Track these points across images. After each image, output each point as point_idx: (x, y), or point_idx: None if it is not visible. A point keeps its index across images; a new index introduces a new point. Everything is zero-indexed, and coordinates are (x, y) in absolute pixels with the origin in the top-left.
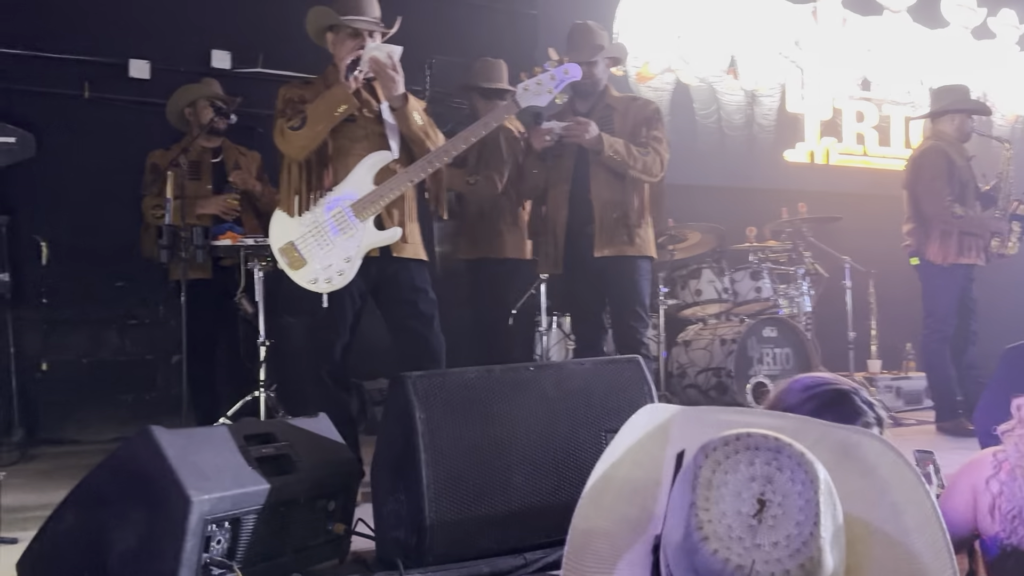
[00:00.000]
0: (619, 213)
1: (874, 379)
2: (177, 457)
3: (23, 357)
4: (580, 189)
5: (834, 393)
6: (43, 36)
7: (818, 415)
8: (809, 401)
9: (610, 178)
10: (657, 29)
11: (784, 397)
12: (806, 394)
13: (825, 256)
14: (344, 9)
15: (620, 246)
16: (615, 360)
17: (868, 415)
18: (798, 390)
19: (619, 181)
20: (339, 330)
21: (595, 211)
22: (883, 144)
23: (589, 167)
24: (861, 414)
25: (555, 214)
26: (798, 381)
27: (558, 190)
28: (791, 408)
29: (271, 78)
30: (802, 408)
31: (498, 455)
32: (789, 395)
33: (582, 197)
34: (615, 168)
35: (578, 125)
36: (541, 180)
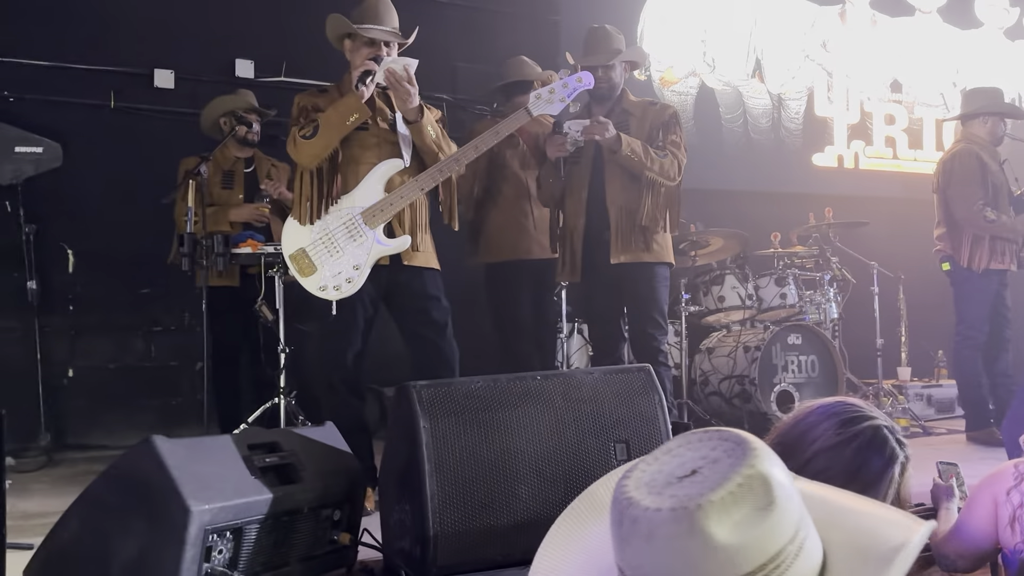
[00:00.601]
0: (635, 219)
1: (904, 387)
2: (178, 467)
3: (50, 363)
4: (597, 196)
5: (873, 431)
6: (69, 47)
7: (860, 457)
8: (850, 442)
9: (626, 183)
10: (681, 33)
11: (810, 431)
12: (844, 432)
13: (852, 261)
14: (361, 17)
15: (637, 252)
16: (625, 369)
17: (903, 452)
18: (832, 427)
19: (635, 186)
20: (350, 337)
21: (611, 217)
22: (914, 147)
23: (605, 173)
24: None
25: (573, 222)
26: (823, 410)
27: (575, 198)
28: (823, 447)
29: (294, 86)
30: (842, 451)
31: (504, 466)
32: (816, 429)
33: (599, 204)
34: (631, 168)
35: (597, 124)
36: (557, 189)
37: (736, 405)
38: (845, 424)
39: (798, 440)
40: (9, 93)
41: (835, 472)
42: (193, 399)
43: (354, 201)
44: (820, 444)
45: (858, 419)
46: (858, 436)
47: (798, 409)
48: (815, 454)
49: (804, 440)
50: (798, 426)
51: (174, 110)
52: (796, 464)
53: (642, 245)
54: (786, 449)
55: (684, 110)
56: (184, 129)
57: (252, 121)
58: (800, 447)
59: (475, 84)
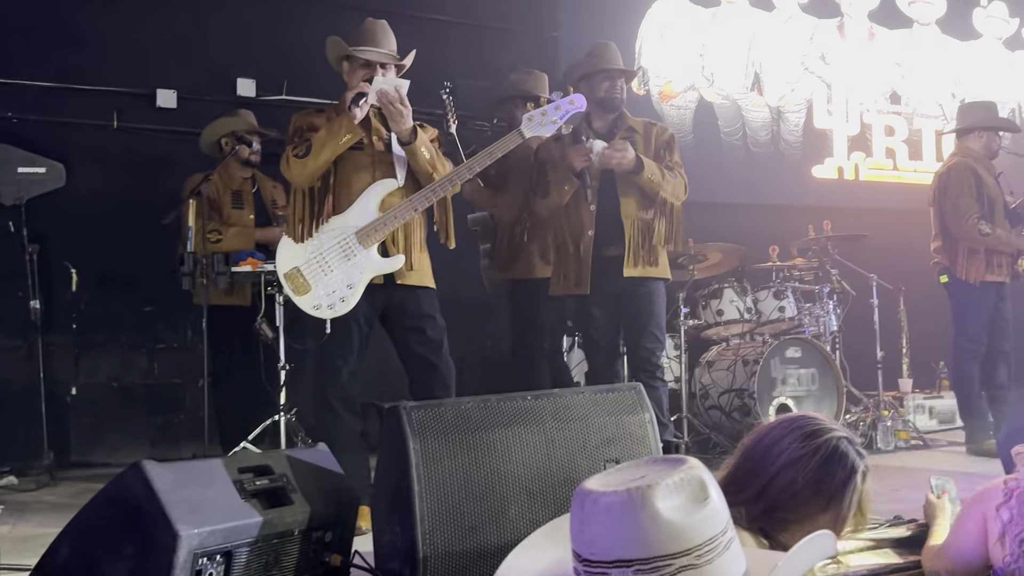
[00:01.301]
0: (646, 234)
1: (904, 399)
2: (167, 491)
3: (53, 382)
4: (608, 209)
5: (835, 443)
6: (72, 68)
7: (824, 468)
8: (814, 454)
9: (640, 198)
10: (679, 47)
11: (774, 446)
12: (807, 446)
13: (852, 274)
14: (358, 40)
15: (646, 267)
16: (615, 388)
17: (863, 462)
18: (795, 440)
19: (648, 202)
20: (345, 356)
21: (626, 230)
22: (914, 158)
23: (617, 187)
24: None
25: (579, 233)
26: (786, 425)
27: (582, 209)
28: (788, 460)
29: (295, 105)
30: (807, 463)
31: (494, 486)
32: (780, 443)
33: (610, 217)
34: (649, 189)
35: (617, 149)
36: (567, 197)
37: (736, 419)
38: (808, 437)
39: (763, 455)
40: (13, 114)
41: (801, 484)
42: (196, 416)
43: (348, 221)
44: (785, 458)
45: (819, 432)
46: (820, 448)
47: (761, 426)
48: (781, 467)
49: (769, 455)
50: (762, 442)
51: (176, 129)
52: (764, 479)
53: (651, 260)
54: (753, 465)
55: (683, 124)
56: (186, 148)
57: (252, 141)
58: (766, 462)
59: (474, 100)
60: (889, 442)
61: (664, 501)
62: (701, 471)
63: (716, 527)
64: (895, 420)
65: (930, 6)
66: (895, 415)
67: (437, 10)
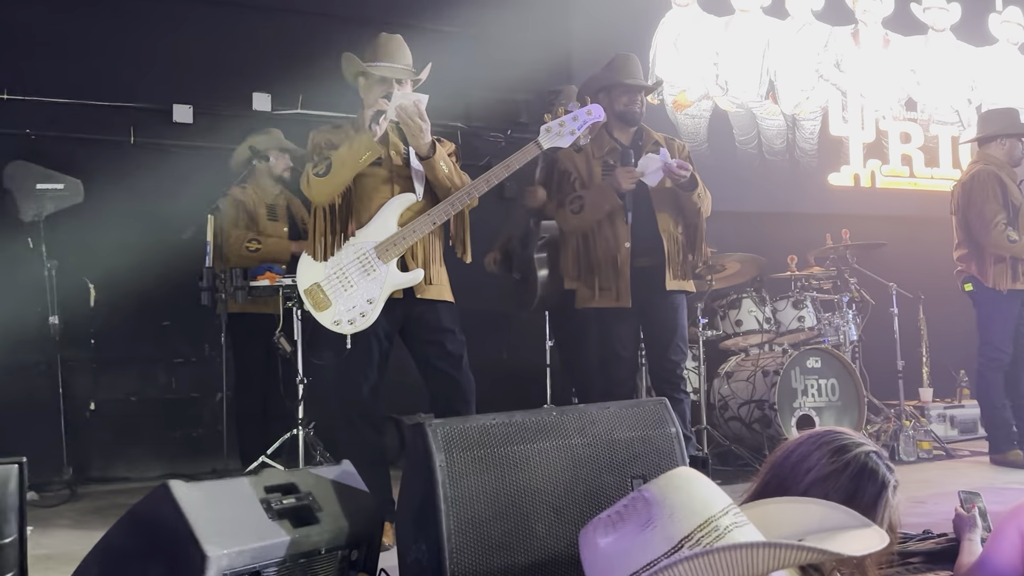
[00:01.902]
0: (683, 247)
1: (926, 408)
2: (195, 511)
3: (72, 397)
4: (644, 224)
5: (865, 458)
6: (89, 85)
7: (854, 484)
8: (844, 470)
9: (674, 213)
10: (693, 56)
11: (803, 462)
12: (837, 461)
13: (871, 282)
14: (374, 56)
15: (681, 281)
16: (640, 403)
17: (893, 476)
18: (824, 456)
19: (680, 215)
20: (365, 371)
21: (665, 244)
22: (930, 165)
23: (652, 202)
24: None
25: (616, 247)
26: (813, 440)
27: (618, 223)
28: (818, 476)
29: (310, 119)
30: (837, 479)
31: (521, 503)
32: (808, 459)
33: (644, 230)
34: (691, 205)
35: (682, 169)
36: (606, 213)
37: (756, 430)
38: (837, 453)
39: (792, 471)
40: (31, 131)
41: (833, 500)
42: (214, 430)
43: (367, 236)
44: (815, 474)
45: (848, 447)
46: (850, 464)
47: (788, 441)
48: (811, 484)
49: (798, 471)
50: (790, 457)
51: (193, 144)
52: (795, 494)
53: (685, 273)
54: (782, 481)
55: (698, 133)
56: (203, 163)
57: (268, 155)
58: (795, 478)
59: (488, 112)
60: (911, 453)
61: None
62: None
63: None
64: (917, 430)
65: (945, 12)
66: (917, 425)
67: (449, 22)
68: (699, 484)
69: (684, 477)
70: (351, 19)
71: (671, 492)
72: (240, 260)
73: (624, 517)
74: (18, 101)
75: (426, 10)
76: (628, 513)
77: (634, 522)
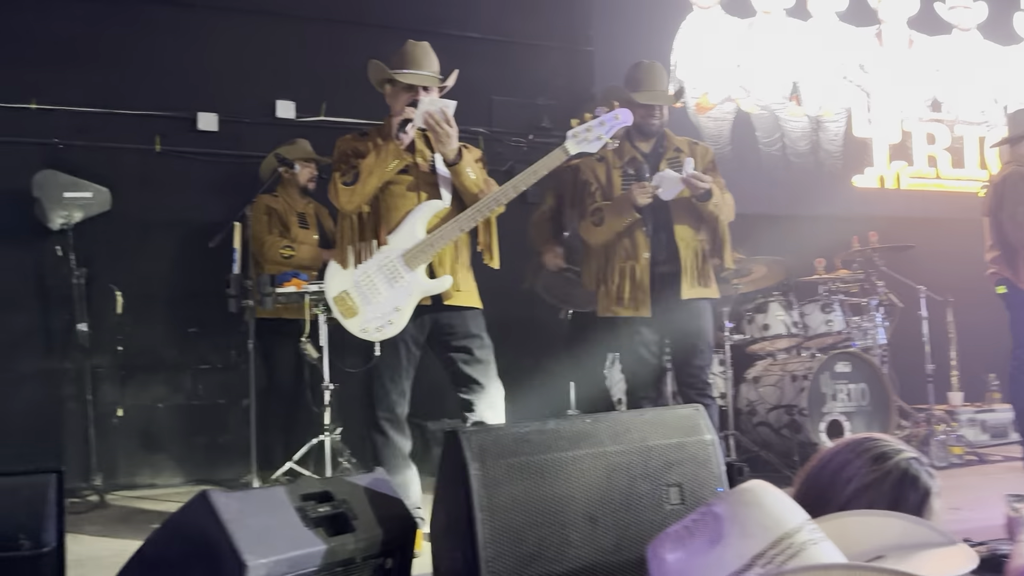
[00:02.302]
0: (701, 255)
1: (956, 413)
2: (233, 520)
3: (100, 404)
4: (662, 232)
5: (906, 465)
6: (115, 94)
7: (896, 491)
8: (886, 478)
9: (692, 220)
10: (716, 58)
11: (842, 471)
12: (878, 469)
13: (899, 285)
14: (401, 63)
15: (701, 288)
16: (675, 409)
17: (935, 483)
18: (864, 464)
19: (699, 223)
20: (394, 377)
21: (682, 253)
22: (956, 166)
23: (671, 209)
24: (931, 484)
25: (633, 255)
26: (851, 448)
27: (637, 234)
28: (860, 486)
29: (334, 126)
30: (880, 487)
31: (555, 512)
32: (848, 469)
33: (663, 238)
34: (709, 214)
35: (700, 182)
36: (626, 225)
37: (785, 436)
38: (877, 460)
39: (831, 482)
40: (59, 140)
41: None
42: (241, 437)
43: (395, 243)
44: (856, 484)
45: (888, 454)
46: (892, 472)
47: (823, 450)
48: (854, 494)
49: (838, 481)
50: (828, 467)
51: (218, 152)
52: (834, 507)
53: (705, 281)
54: (821, 492)
55: (720, 136)
56: (228, 170)
57: (293, 163)
58: (835, 488)
59: (510, 117)
60: (943, 458)
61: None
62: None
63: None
64: (948, 435)
65: (970, 11)
66: (947, 430)
67: (472, 28)
68: (772, 499)
69: (755, 492)
70: (374, 26)
71: (742, 508)
72: (274, 266)
73: (693, 532)
74: (46, 111)
75: (449, 16)
76: (697, 528)
77: (704, 538)
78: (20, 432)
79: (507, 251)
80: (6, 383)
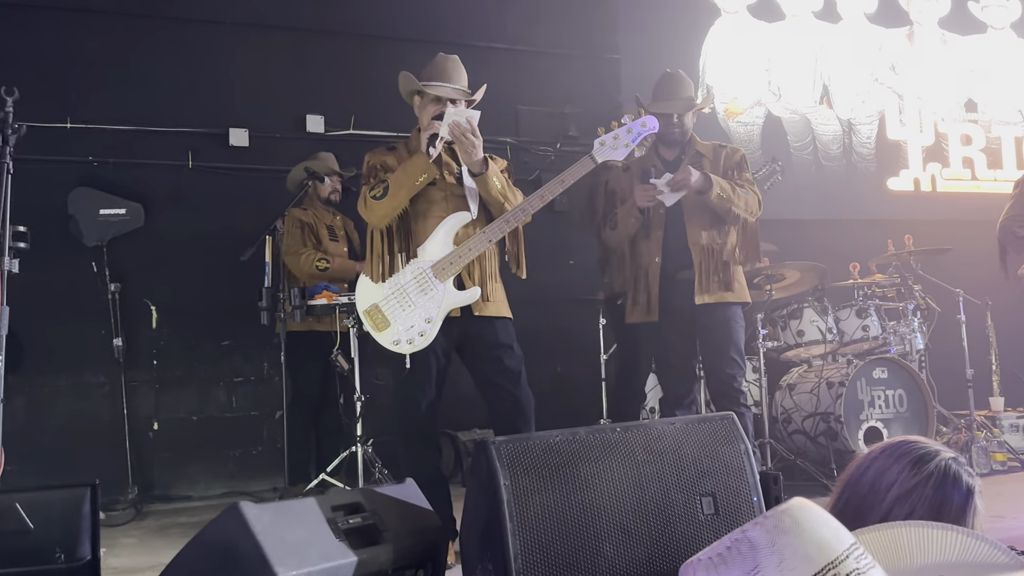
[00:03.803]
0: (719, 258)
1: (997, 418)
2: (265, 532)
3: (136, 417)
4: (675, 236)
5: (946, 466)
6: (148, 112)
7: (940, 493)
8: (927, 481)
9: (706, 223)
10: (745, 63)
11: (881, 477)
12: (919, 472)
13: (936, 289)
14: (430, 75)
15: (720, 293)
16: (707, 418)
17: (976, 482)
18: (904, 468)
19: (715, 226)
20: (424, 389)
21: (695, 257)
22: (993, 167)
23: (683, 213)
24: (973, 483)
25: (647, 261)
26: (889, 453)
27: (650, 237)
28: (902, 491)
29: (363, 139)
30: (922, 491)
31: (587, 523)
32: (887, 474)
33: (678, 244)
34: (719, 207)
35: (682, 175)
36: (634, 230)
37: (822, 443)
38: (917, 464)
39: (871, 489)
40: (93, 158)
41: (919, 515)
42: (273, 448)
43: (424, 255)
44: (897, 489)
45: (928, 456)
46: (933, 474)
47: (861, 457)
48: (896, 500)
49: (878, 487)
50: (866, 475)
51: (249, 167)
52: (878, 514)
53: (724, 285)
54: (861, 501)
55: (751, 140)
56: (259, 185)
57: (323, 177)
58: (876, 496)
59: (537, 126)
60: (985, 464)
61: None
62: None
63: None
64: (989, 441)
65: (1004, 10)
66: (989, 436)
67: (498, 39)
68: (813, 523)
69: (794, 516)
70: (401, 40)
71: (780, 535)
72: (310, 279)
73: (727, 560)
74: (81, 129)
75: (475, 28)
76: (731, 556)
77: (738, 568)
78: (56, 446)
79: (533, 260)
80: (43, 397)
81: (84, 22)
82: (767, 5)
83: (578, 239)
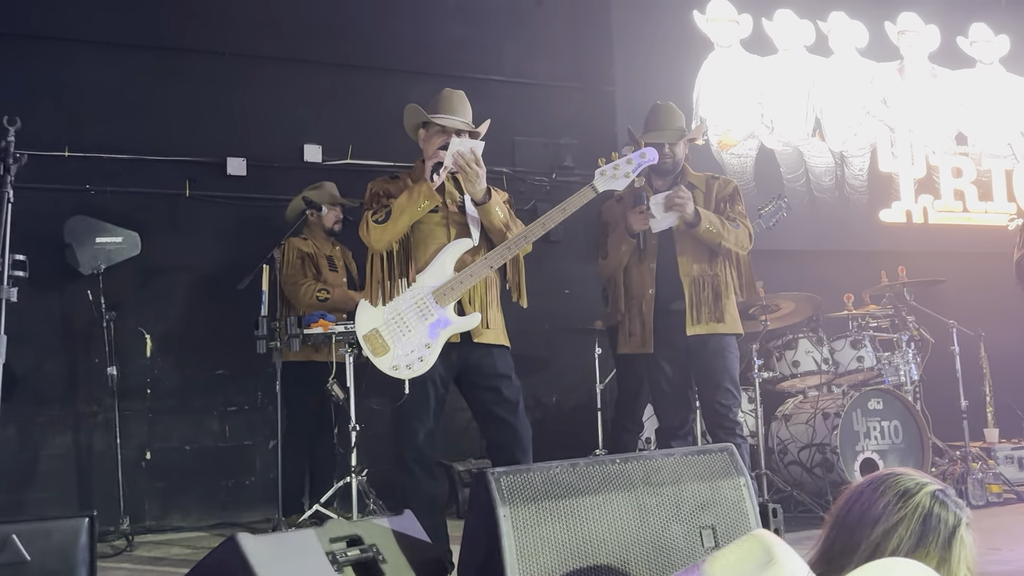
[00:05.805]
0: (709, 290)
1: (992, 450)
2: (262, 565)
3: (129, 447)
4: (667, 267)
5: (932, 498)
6: (145, 139)
7: (926, 526)
8: (914, 513)
9: (698, 254)
10: (738, 96)
11: (869, 511)
12: (905, 505)
13: (929, 320)
14: (436, 108)
15: (712, 324)
16: (706, 450)
17: (964, 514)
18: (891, 502)
19: (707, 257)
20: (422, 416)
21: (685, 288)
22: (984, 199)
23: (675, 244)
24: (961, 515)
25: (640, 292)
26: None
27: (643, 267)
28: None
29: (360, 168)
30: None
31: (587, 554)
32: (874, 508)
33: (669, 274)
34: (708, 241)
35: (680, 197)
36: (625, 258)
37: (818, 475)
38: (902, 497)
39: (859, 523)
40: (90, 186)
41: (906, 549)
42: (267, 478)
43: (425, 280)
44: (884, 524)
45: (913, 489)
46: (919, 507)
47: (848, 490)
48: (884, 533)
49: (865, 522)
50: (853, 509)
51: (246, 196)
52: (868, 550)
53: (716, 316)
54: (851, 535)
55: (744, 172)
56: (256, 214)
57: (321, 206)
58: (863, 531)
59: (533, 156)
60: (980, 497)
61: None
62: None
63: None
64: (985, 473)
65: (992, 45)
66: (984, 467)
67: (495, 71)
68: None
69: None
70: (399, 71)
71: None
72: (309, 309)
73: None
74: (78, 158)
75: (473, 61)
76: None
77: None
78: (49, 475)
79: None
80: (36, 426)
81: (83, 52)
82: (760, 39)
83: (574, 269)
